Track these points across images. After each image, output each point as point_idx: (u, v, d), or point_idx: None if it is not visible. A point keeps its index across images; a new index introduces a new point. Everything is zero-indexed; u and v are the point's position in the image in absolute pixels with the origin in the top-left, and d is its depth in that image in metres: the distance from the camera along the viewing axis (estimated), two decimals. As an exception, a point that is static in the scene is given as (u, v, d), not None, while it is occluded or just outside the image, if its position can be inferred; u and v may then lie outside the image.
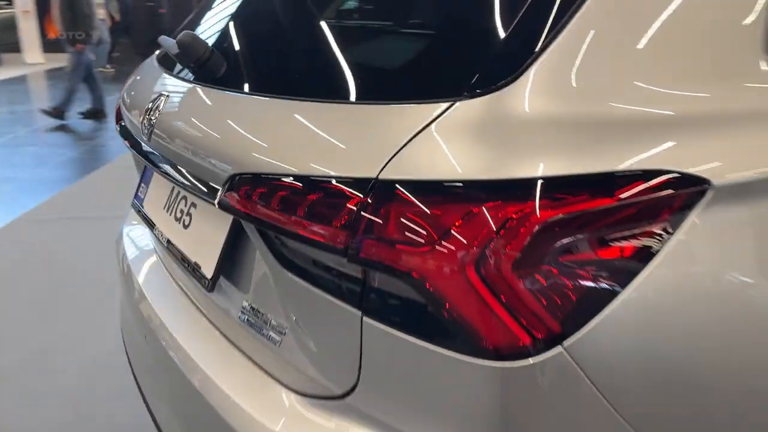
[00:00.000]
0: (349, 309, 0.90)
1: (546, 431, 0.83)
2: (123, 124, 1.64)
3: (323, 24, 1.25)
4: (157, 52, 1.80)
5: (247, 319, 1.15)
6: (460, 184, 0.80)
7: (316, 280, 0.96)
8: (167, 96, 1.34)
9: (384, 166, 0.82)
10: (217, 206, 1.05)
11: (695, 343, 0.84)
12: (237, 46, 1.38)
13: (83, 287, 3.34)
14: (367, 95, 0.98)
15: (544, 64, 0.83)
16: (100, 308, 3.00)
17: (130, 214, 1.99)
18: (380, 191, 0.82)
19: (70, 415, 2.36)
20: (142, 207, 1.60)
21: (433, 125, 0.83)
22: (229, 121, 1.12)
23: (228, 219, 1.16)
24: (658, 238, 0.80)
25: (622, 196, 0.78)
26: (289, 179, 0.92)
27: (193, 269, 1.26)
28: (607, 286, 0.79)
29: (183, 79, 1.38)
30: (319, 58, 1.16)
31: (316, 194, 0.88)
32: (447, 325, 0.81)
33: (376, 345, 0.89)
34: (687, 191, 0.81)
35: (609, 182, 0.79)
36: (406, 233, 0.80)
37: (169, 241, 1.38)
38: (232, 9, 1.57)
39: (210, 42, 1.37)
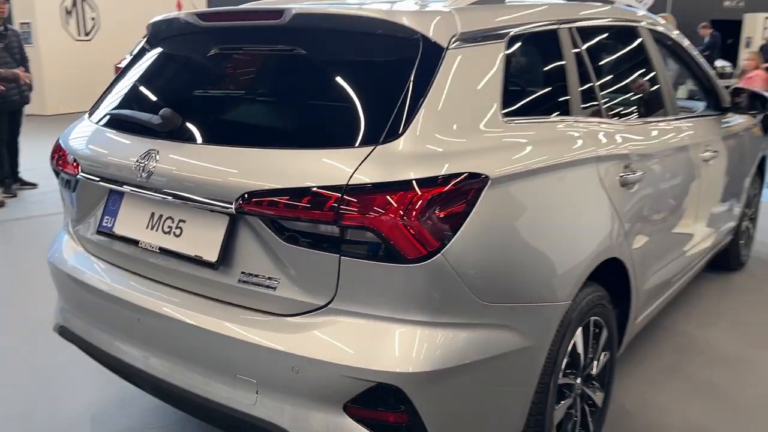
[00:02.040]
0: (332, 255, 1.73)
1: (436, 298, 1.74)
2: (86, 174, 2.22)
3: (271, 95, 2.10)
4: (96, 119, 2.39)
5: (246, 281, 1.89)
6: (389, 183, 1.70)
7: (308, 244, 1.77)
8: (158, 151, 2.01)
9: (350, 178, 1.69)
10: (234, 212, 1.80)
11: (497, 250, 1.82)
12: (215, 111, 2.18)
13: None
14: (330, 143, 1.82)
15: (411, 129, 1.76)
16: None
17: (65, 241, 2.48)
18: (350, 190, 1.68)
19: None
20: (113, 232, 2.19)
21: (369, 157, 1.72)
22: (232, 163, 1.87)
23: (224, 221, 1.90)
24: (472, 201, 1.78)
25: (453, 184, 1.75)
26: (292, 191, 1.73)
27: (193, 261, 1.95)
28: (454, 224, 1.73)
29: (168, 139, 2.04)
30: (298, 120, 2.00)
31: (310, 196, 1.71)
32: (388, 251, 1.68)
33: (349, 272, 1.72)
34: (480, 180, 1.81)
35: (447, 179, 1.75)
36: (368, 207, 1.67)
37: (161, 248, 2.03)
38: (194, 76, 2.37)
39: (189, 110, 2.11)
